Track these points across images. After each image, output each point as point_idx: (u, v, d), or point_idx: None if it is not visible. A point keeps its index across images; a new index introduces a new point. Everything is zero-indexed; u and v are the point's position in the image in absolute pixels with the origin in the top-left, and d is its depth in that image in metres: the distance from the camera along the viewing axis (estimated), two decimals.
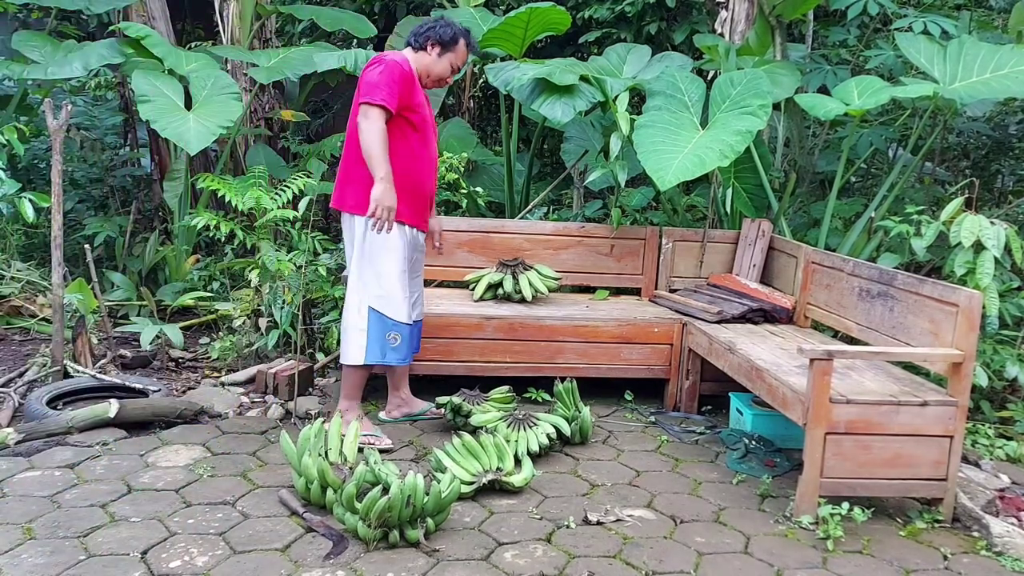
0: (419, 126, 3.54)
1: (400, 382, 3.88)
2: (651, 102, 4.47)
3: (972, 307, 3.01)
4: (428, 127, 3.60)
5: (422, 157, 3.58)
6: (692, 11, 6.24)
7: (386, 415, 3.89)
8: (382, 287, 3.53)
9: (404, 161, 3.51)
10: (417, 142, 3.55)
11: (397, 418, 3.89)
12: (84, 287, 4.48)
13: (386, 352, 3.57)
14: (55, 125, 4.09)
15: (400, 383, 3.88)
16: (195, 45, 6.89)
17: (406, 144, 3.51)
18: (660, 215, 5.23)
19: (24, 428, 3.49)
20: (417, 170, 3.57)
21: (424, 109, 3.58)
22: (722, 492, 3.29)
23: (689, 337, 4.16)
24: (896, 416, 3.02)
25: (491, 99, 7.37)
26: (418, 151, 3.56)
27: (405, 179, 3.51)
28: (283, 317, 4.31)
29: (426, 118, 3.59)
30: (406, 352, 3.63)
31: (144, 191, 6.57)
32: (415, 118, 3.51)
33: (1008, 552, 2.86)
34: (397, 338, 3.56)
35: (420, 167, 3.58)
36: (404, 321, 3.58)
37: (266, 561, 2.63)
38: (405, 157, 3.52)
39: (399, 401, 3.89)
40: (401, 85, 3.41)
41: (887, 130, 5.10)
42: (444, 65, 3.59)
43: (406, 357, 3.65)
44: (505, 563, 2.67)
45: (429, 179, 3.67)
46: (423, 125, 3.56)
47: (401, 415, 3.89)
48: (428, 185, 3.68)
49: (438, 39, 3.55)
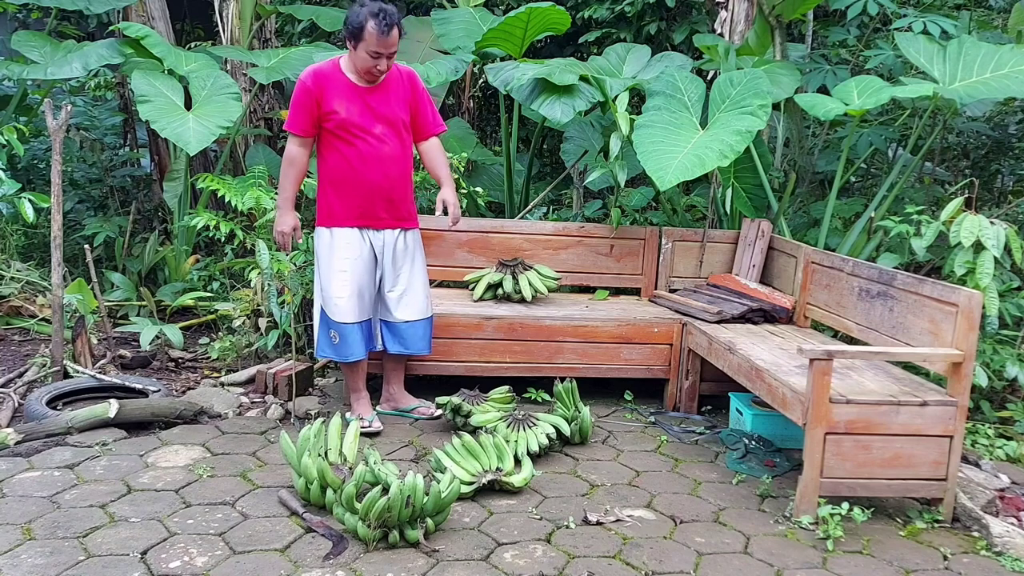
0: (337, 131, 3.56)
1: (390, 376, 3.98)
2: (651, 102, 4.47)
3: (972, 307, 3.01)
4: (352, 128, 3.55)
5: (355, 158, 3.59)
6: (692, 11, 6.24)
7: (379, 407, 3.99)
8: (323, 288, 3.70)
9: (335, 168, 3.63)
10: (343, 146, 3.59)
11: (386, 411, 3.98)
12: (84, 287, 4.48)
13: (330, 349, 3.70)
14: (55, 125, 4.09)
15: (390, 377, 3.98)
16: (195, 45, 6.90)
17: (333, 151, 3.63)
18: (660, 215, 5.23)
19: (24, 428, 3.49)
20: (351, 172, 3.60)
21: (339, 114, 3.54)
22: (722, 492, 3.29)
23: (689, 337, 4.16)
24: (896, 416, 3.02)
25: (491, 99, 7.37)
26: (347, 154, 3.59)
27: (339, 184, 3.64)
28: (283, 317, 4.31)
29: (345, 120, 3.54)
30: (350, 350, 3.67)
31: (144, 191, 6.57)
32: (330, 125, 3.56)
33: (1008, 552, 2.86)
34: (336, 336, 3.66)
35: (354, 168, 3.59)
36: (341, 320, 3.63)
37: (266, 561, 2.63)
38: (335, 164, 3.63)
39: (387, 395, 4.01)
40: (299, 103, 3.56)
41: (887, 130, 5.09)
42: (362, 56, 3.48)
43: (351, 354, 3.67)
44: (505, 563, 2.67)
45: (370, 176, 3.60)
46: (342, 129, 3.55)
47: (389, 408, 3.99)
48: (370, 183, 3.61)
49: (349, 34, 3.50)
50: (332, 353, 3.71)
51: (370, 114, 3.59)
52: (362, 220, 3.66)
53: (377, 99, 3.61)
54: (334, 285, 3.64)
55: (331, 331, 3.67)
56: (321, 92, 3.54)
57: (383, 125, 3.61)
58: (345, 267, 3.63)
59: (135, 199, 6.27)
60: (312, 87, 3.55)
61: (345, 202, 3.63)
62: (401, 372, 3.99)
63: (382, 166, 3.63)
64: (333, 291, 3.64)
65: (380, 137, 3.61)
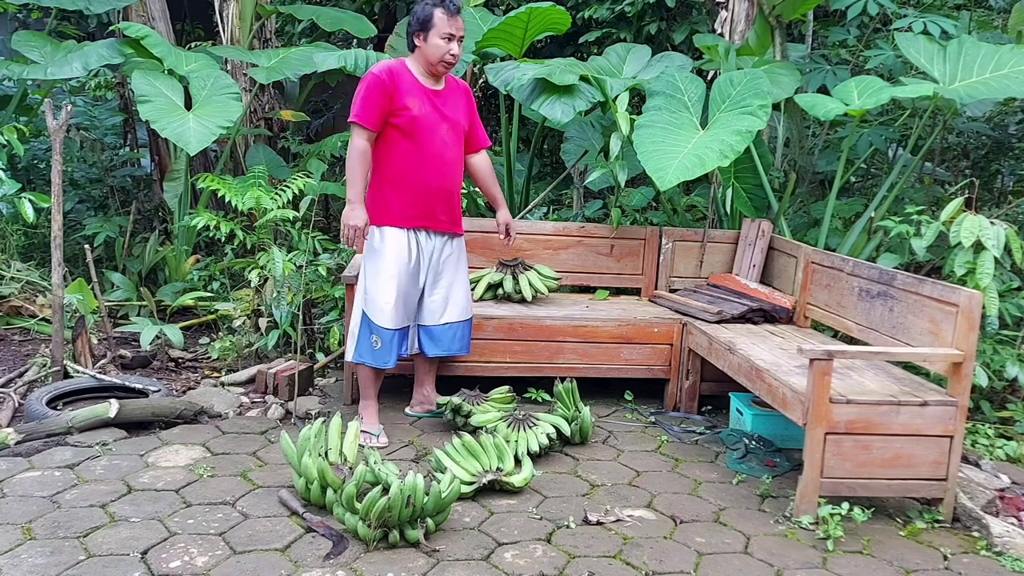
0: (407, 128, 3.53)
1: (424, 379, 3.97)
2: (651, 102, 4.47)
3: (972, 307, 3.01)
4: (421, 127, 3.55)
5: (418, 157, 3.58)
6: (692, 11, 6.24)
7: (409, 410, 4.00)
8: (368, 291, 3.63)
9: (396, 166, 3.58)
10: (408, 144, 3.56)
11: (419, 414, 3.98)
12: (84, 287, 4.49)
13: (369, 354, 3.64)
14: (55, 125, 4.09)
15: (423, 380, 3.97)
16: (195, 45, 6.89)
17: (396, 148, 3.57)
18: (660, 215, 5.23)
19: (24, 428, 3.49)
20: (413, 171, 3.58)
21: (411, 110, 3.53)
22: (722, 492, 3.29)
23: (689, 337, 4.16)
24: (896, 416, 3.02)
25: (491, 99, 7.37)
26: (411, 152, 3.57)
27: (399, 183, 3.59)
28: (283, 317, 4.31)
29: (416, 118, 3.54)
30: (388, 356, 3.62)
31: (144, 191, 6.57)
32: (399, 121, 3.53)
33: (1008, 552, 2.86)
34: (378, 341, 3.61)
35: (417, 167, 3.58)
36: (384, 326, 3.59)
37: (266, 561, 2.63)
38: (397, 161, 3.58)
39: (420, 398, 3.99)
40: (371, 96, 3.50)
41: (887, 130, 5.10)
42: (435, 43, 3.52)
43: (388, 361, 3.62)
44: (505, 563, 2.67)
45: (432, 177, 3.61)
46: (412, 126, 3.54)
47: (423, 411, 3.98)
48: (431, 183, 3.61)
49: (417, 27, 3.54)
50: (371, 359, 3.62)
51: (438, 115, 3.60)
52: (419, 220, 3.62)
53: (443, 101, 3.64)
54: (382, 289, 3.58)
55: (372, 335, 3.60)
56: (395, 87, 3.51)
57: (448, 127, 3.63)
58: (394, 272, 3.58)
59: (135, 199, 6.27)
60: (388, 81, 3.50)
61: (404, 201, 3.58)
62: (434, 374, 3.97)
63: (445, 167, 3.63)
64: (380, 295, 3.58)
65: (445, 139, 3.62)
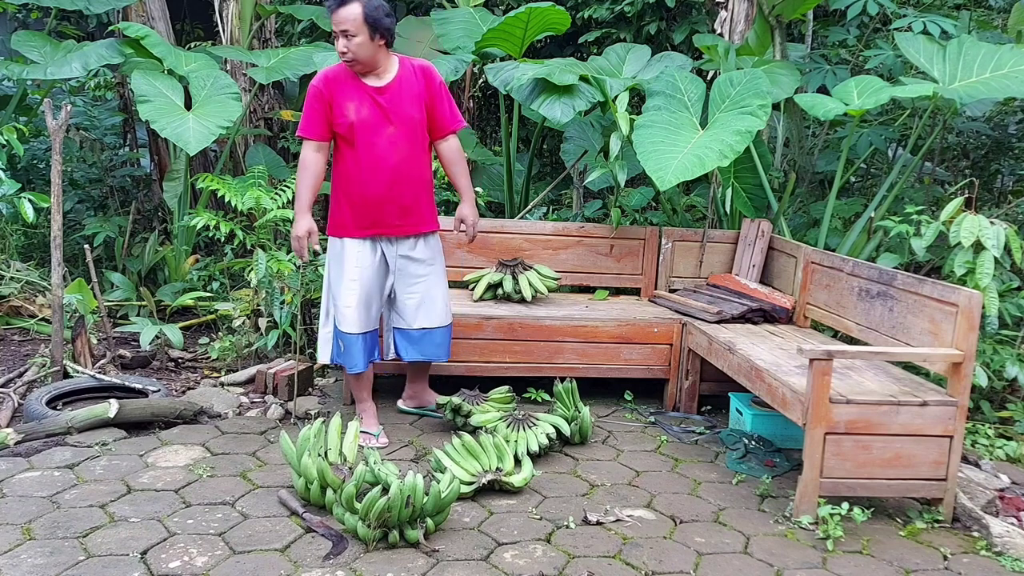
0: (348, 136, 3.49)
1: (415, 376, 3.99)
2: (651, 102, 4.47)
3: (972, 307, 3.01)
4: (361, 132, 3.46)
5: (360, 166, 3.50)
6: (692, 11, 6.24)
7: (401, 403, 4.04)
8: (332, 296, 3.66)
9: (344, 175, 3.56)
10: (351, 152, 3.51)
11: (412, 408, 4.01)
12: (84, 287, 4.48)
13: (339, 357, 3.66)
14: (55, 125, 4.09)
15: (415, 376, 3.99)
16: (195, 45, 6.89)
17: (344, 157, 3.55)
18: (660, 215, 5.23)
19: (24, 428, 3.49)
20: (356, 181, 3.52)
21: (348, 117, 3.45)
22: (722, 492, 3.29)
23: (689, 337, 4.16)
24: (896, 416, 3.02)
25: (491, 99, 7.36)
26: (355, 161, 3.51)
27: (351, 193, 3.56)
28: (283, 317, 4.31)
29: (354, 124, 3.46)
30: (355, 360, 3.60)
31: (144, 191, 6.57)
32: (340, 130, 3.50)
33: (1008, 552, 2.86)
34: (342, 345, 3.62)
35: (359, 177, 3.51)
36: (347, 330, 3.57)
37: (266, 561, 2.63)
38: (345, 170, 3.56)
39: (411, 392, 4.02)
40: (311, 106, 3.50)
41: (887, 130, 5.10)
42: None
43: (356, 364, 3.61)
44: (505, 563, 2.67)
45: (373, 187, 3.50)
46: (352, 133, 3.47)
47: (412, 406, 4.02)
48: (375, 192, 3.51)
49: None
50: (341, 361, 3.67)
51: (381, 115, 3.47)
52: (375, 229, 3.56)
53: (388, 98, 3.49)
54: (343, 294, 3.57)
55: (339, 340, 3.62)
56: (332, 94, 3.47)
57: (395, 126, 3.49)
58: (355, 276, 3.56)
59: (135, 199, 6.27)
60: (323, 89, 3.48)
61: (356, 212, 3.54)
62: (425, 372, 3.98)
63: (393, 174, 3.51)
64: (341, 299, 3.58)
65: (391, 140, 3.49)
